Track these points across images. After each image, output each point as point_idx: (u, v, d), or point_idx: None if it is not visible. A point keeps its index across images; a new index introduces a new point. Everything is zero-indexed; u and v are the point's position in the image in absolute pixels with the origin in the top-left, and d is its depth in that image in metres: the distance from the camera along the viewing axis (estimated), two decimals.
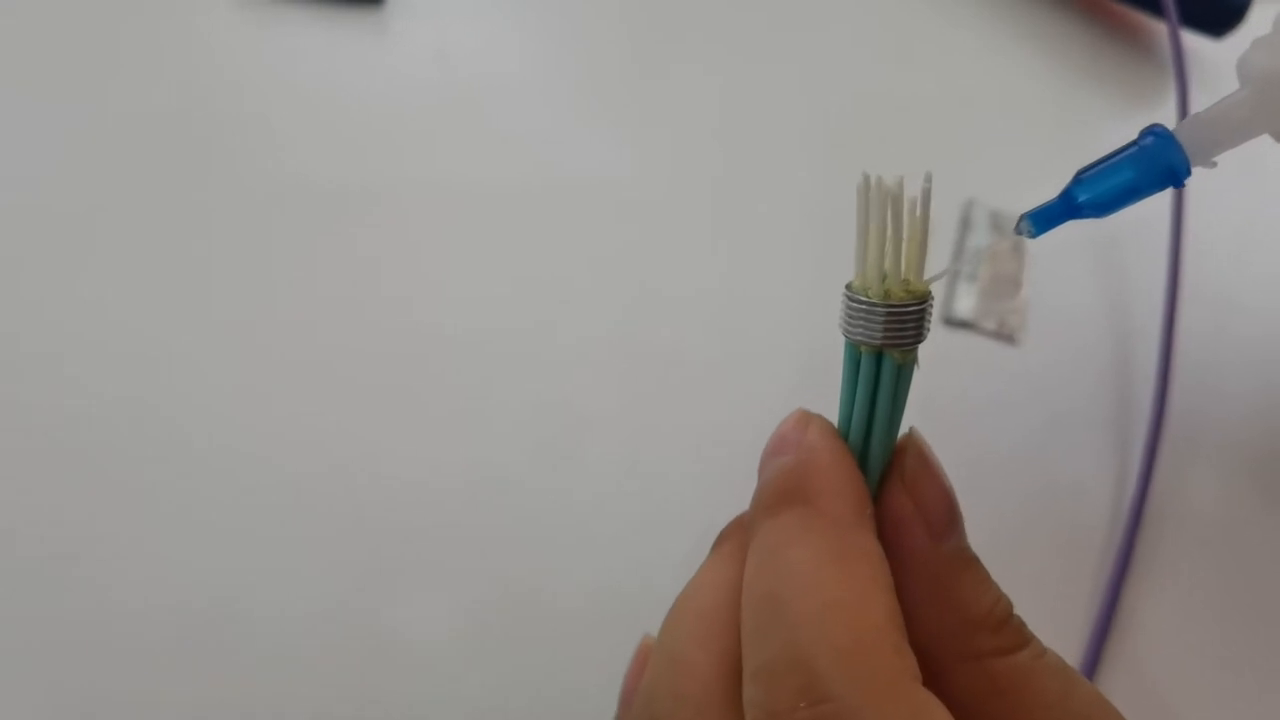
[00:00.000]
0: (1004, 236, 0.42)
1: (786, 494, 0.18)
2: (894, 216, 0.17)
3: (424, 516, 0.32)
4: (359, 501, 0.32)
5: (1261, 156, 0.18)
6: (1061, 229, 0.17)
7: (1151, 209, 0.18)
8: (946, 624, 0.18)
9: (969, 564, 0.18)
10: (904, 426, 0.19)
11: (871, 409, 0.18)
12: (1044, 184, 0.19)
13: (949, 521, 0.18)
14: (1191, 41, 0.47)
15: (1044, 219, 0.17)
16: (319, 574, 0.31)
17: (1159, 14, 0.47)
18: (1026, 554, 0.36)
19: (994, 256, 0.41)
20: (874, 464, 0.19)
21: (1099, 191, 0.17)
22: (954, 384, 0.38)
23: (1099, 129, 0.47)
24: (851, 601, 0.16)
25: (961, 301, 0.40)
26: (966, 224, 0.42)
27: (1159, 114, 0.48)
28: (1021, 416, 0.39)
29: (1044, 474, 0.38)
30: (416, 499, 0.32)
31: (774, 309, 0.39)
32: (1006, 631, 0.18)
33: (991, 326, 0.40)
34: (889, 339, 0.18)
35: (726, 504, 0.21)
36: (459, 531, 0.32)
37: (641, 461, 0.34)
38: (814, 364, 0.36)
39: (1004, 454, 0.38)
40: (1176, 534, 0.37)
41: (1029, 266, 0.42)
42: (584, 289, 0.37)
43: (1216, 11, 0.47)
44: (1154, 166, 0.16)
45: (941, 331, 0.40)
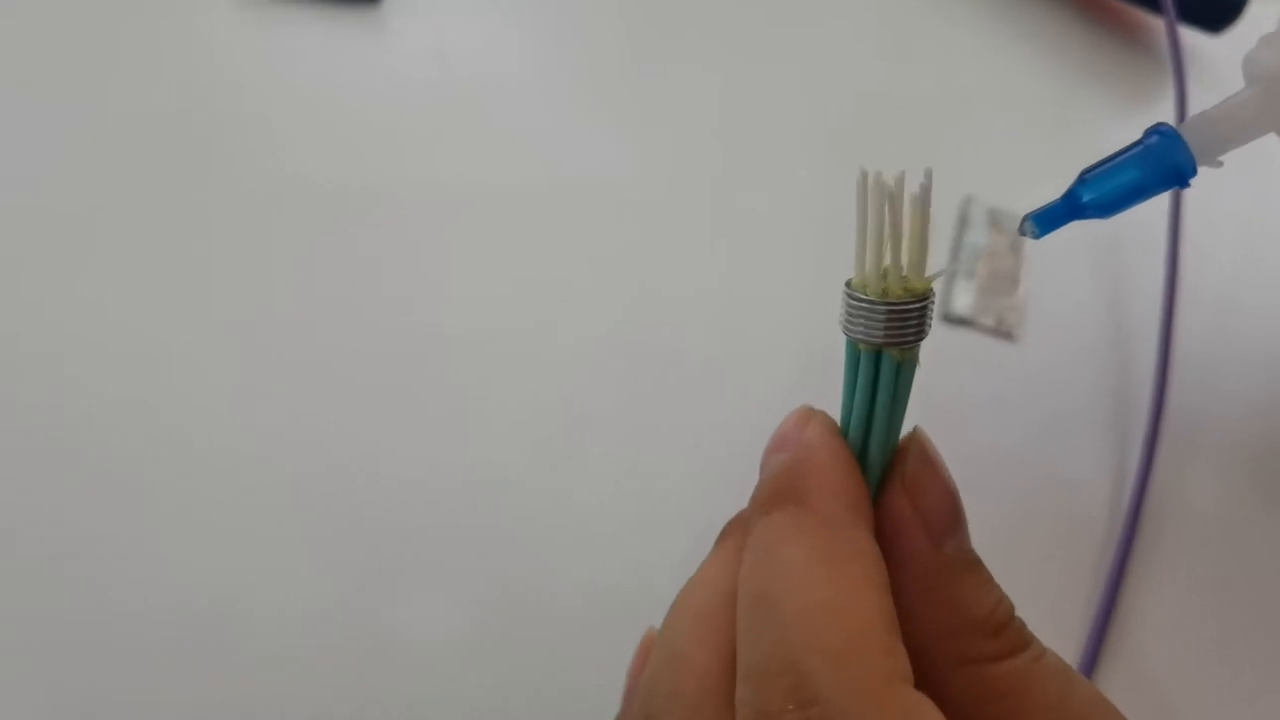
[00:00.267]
0: (1002, 234, 0.42)
1: (781, 492, 0.18)
2: (893, 213, 0.17)
3: (423, 516, 0.32)
4: (359, 501, 0.32)
5: (1261, 154, 0.18)
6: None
7: (1150, 206, 0.17)
8: (943, 627, 0.18)
9: (969, 567, 0.18)
10: (906, 425, 0.19)
11: (871, 407, 0.18)
12: (1042, 181, 0.19)
13: (950, 524, 0.18)
14: (1189, 38, 0.47)
15: (1047, 219, 0.17)
16: (319, 574, 0.31)
17: (1157, 10, 0.47)
18: (1025, 551, 0.36)
19: (992, 254, 0.41)
20: (874, 463, 0.19)
21: (1103, 191, 0.17)
22: (952, 381, 0.38)
23: (1097, 126, 0.47)
24: (841, 602, 0.16)
25: (960, 298, 0.40)
26: (964, 221, 0.42)
27: (1157, 111, 0.48)
28: (1020, 413, 0.39)
29: (1042, 471, 0.38)
30: (416, 499, 0.32)
31: (774, 307, 0.38)
32: (1005, 635, 0.18)
33: (990, 323, 0.40)
34: (890, 337, 0.17)
35: (727, 502, 0.21)
36: (458, 531, 0.32)
37: (641, 460, 0.34)
38: (815, 362, 0.36)
39: (1002, 451, 0.38)
40: (1175, 531, 0.37)
41: (1027, 263, 0.42)
42: (583, 288, 0.37)
43: (1214, 7, 0.47)
44: (1159, 166, 0.16)
45: (939, 328, 0.40)
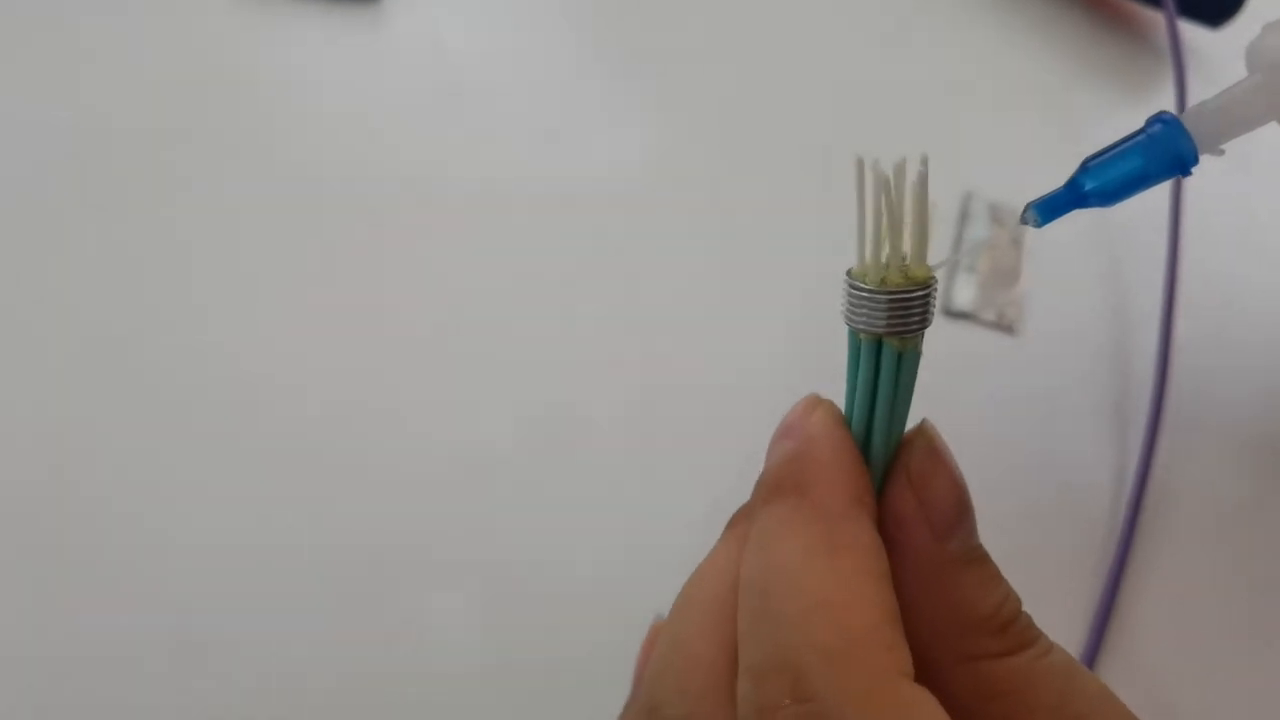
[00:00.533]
0: (1003, 228, 0.42)
1: (783, 482, 0.18)
2: (892, 201, 0.16)
3: (425, 510, 0.32)
4: (358, 501, 0.32)
5: (1260, 140, 0.18)
6: (1061, 218, 0.17)
7: (1150, 196, 0.17)
8: (947, 623, 0.17)
9: (975, 563, 0.18)
10: (912, 419, 0.19)
11: (874, 398, 0.18)
12: (1043, 175, 0.19)
13: (955, 519, 0.18)
14: (1189, 32, 0.47)
15: (1050, 208, 0.17)
16: (325, 564, 0.31)
17: (1157, 4, 0.47)
18: (1026, 543, 0.35)
19: (993, 248, 0.41)
20: (878, 455, 0.18)
21: (1106, 179, 0.17)
22: (953, 375, 0.38)
23: (1097, 119, 0.47)
24: (840, 597, 0.16)
25: (961, 292, 0.40)
26: (966, 216, 0.42)
27: (1157, 104, 0.47)
28: (1021, 407, 0.39)
29: (1043, 464, 0.38)
30: (416, 496, 0.32)
31: (775, 297, 0.38)
32: (1010, 632, 0.17)
33: (991, 317, 0.40)
34: (892, 326, 0.17)
35: (732, 483, 0.21)
36: (466, 520, 0.32)
37: (645, 446, 0.34)
38: (817, 350, 0.36)
39: (1003, 445, 0.38)
40: (1176, 523, 0.37)
41: (1028, 258, 0.41)
42: (584, 283, 0.37)
43: (1214, 1, 0.47)
44: (1162, 154, 0.16)
45: (941, 322, 0.40)
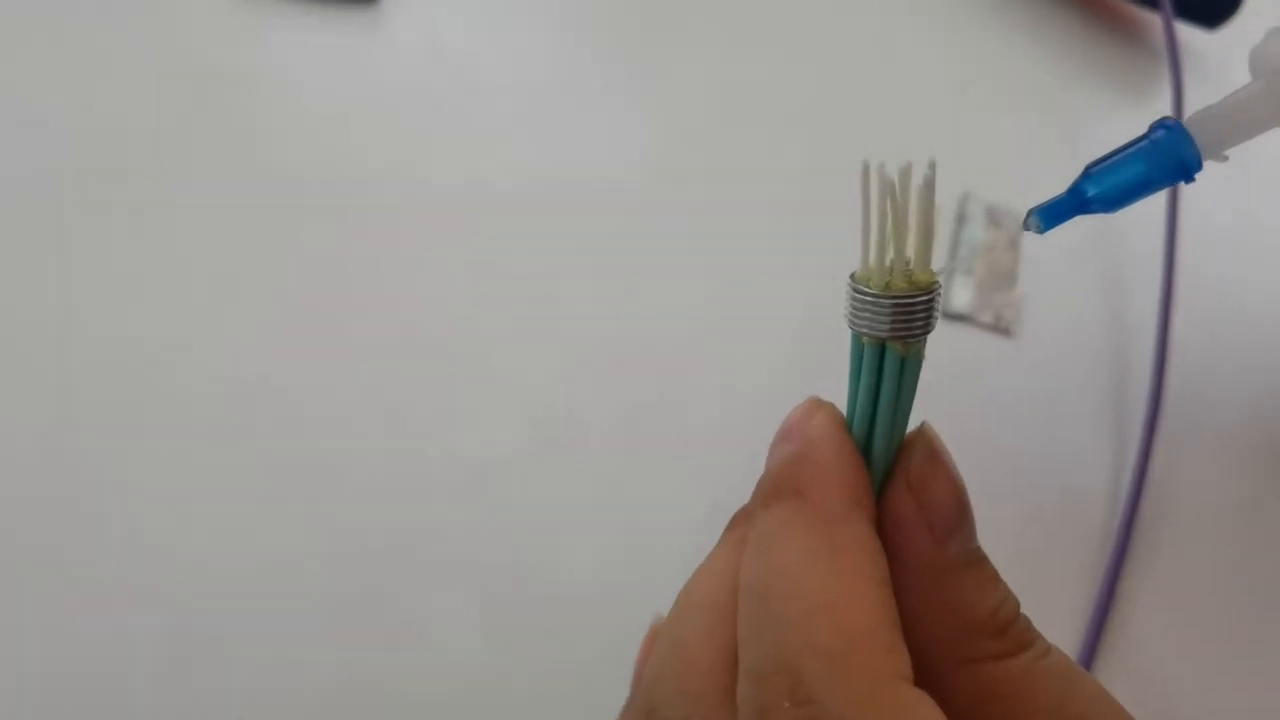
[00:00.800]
0: (1000, 230, 0.42)
1: (783, 485, 0.18)
2: (897, 205, 0.16)
3: (425, 511, 0.32)
4: (357, 502, 0.32)
5: (1256, 144, 0.18)
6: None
7: (1147, 201, 0.17)
8: (946, 626, 0.17)
9: (974, 566, 0.18)
10: (912, 422, 0.19)
11: (876, 401, 0.18)
12: (1040, 177, 0.19)
13: (955, 523, 0.18)
14: (1186, 33, 0.47)
15: (1053, 214, 0.17)
16: (318, 573, 0.31)
17: (1153, 5, 0.47)
18: (1023, 545, 0.36)
19: (990, 250, 0.41)
20: (878, 458, 0.18)
21: (1108, 186, 0.16)
22: (949, 378, 0.38)
23: (1094, 121, 0.47)
24: (839, 600, 0.16)
25: (958, 295, 0.40)
26: (962, 218, 0.42)
27: (1154, 106, 0.48)
28: (1018, 409, 0.39)
29: (1040, 466, 0.38)
30: (415, 498, 0.32)
31: (774, 299, 0.38)
32: (1009, 635, 0.17)
33: (988, 320, 0.40)
34: (896, 330, 0.17)
35: (733, 483, 0.21)
36: (462, 525, 0.32)
37: (643, 445, 0.34)
38: (817, 353, 0.36)
39: (1000, 447, 0.38)
40: (1173, 524, 0.37)
41: (1025, 260, 0.41)
42: (581, 283, 0.37)
43: (1211, 3, 0.47)
44: (1165, 160, 0.16)
45: (937, 324, 0.40)
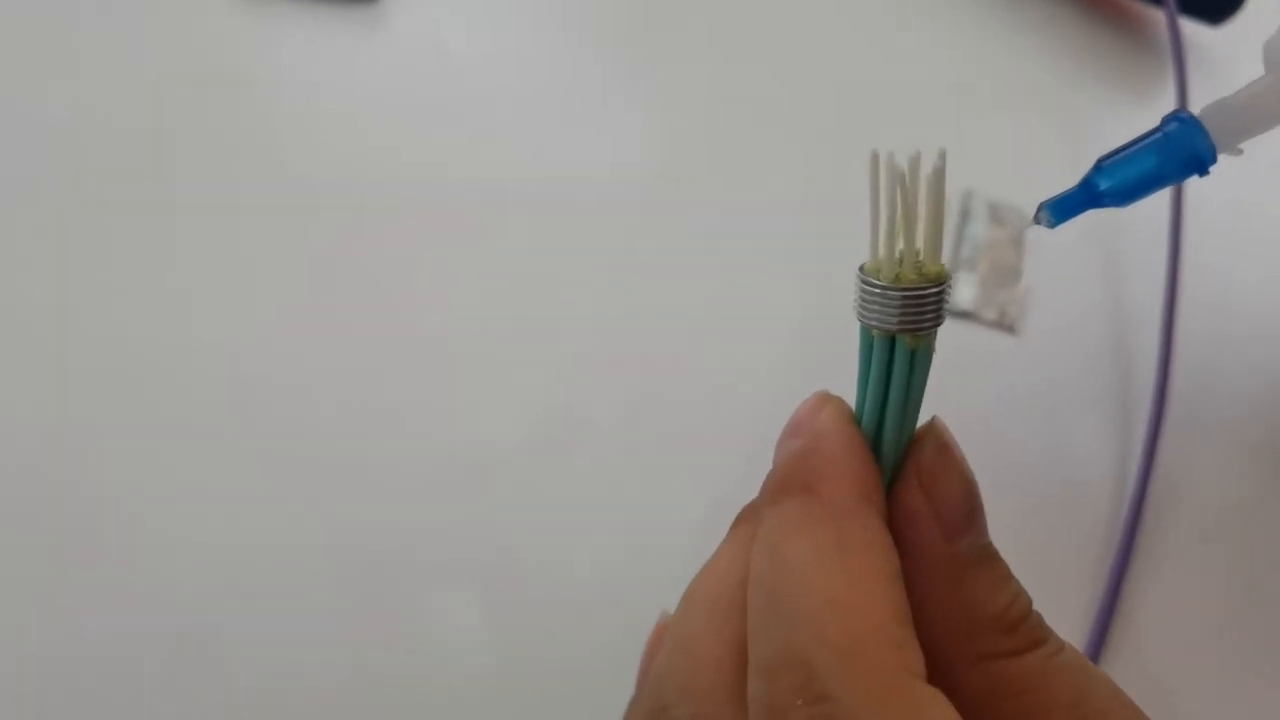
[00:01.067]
0: (1004, 227, 0.41)
1: (791, 480, 0.18)
2: (907, 195, 0.16)
3: (426, 510, 0.32)
4: (358, 501, 0.32)
5: (1262, 137, 0.17)
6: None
7: (1152, 196, 0.17)
8: (958, 623, 0.17)
9: (986, 561, 0.18)
10: (922, 417, 0.19)
11: (885, 395, 0.18)
12: (1044, 173, 0.18)
13: (966, 518, 0.18)
14: (1190, 29, 0.47)
15: (1064, 208, 0.17)
16: (319, 572, 0.31)
17: (1157, 2, 0.47)
18: (1029, 541, 0.35)
19: (993, 246, 0.41)
20: (888, 452, 0.18)
21: (1121, 179, 0.16)
22: (953, 375, 0.38)
23: (1098, 118, 0.46)
24: (850, 597, 0.16)
25: (961, 291, 0.40)
26: (966, 214, 0.42)
27: (1158, 102, 0.47)
28: (1023, 406, 0.39)
29: (1045, 463, 0.37)
30: (417, 497, 0.32)
31: (780, 296, 0.38)
32: (1021, 631, 0.17)
33: (992, 317, 0.40)
34: (905, 323, 0.17)
35: (738, 476, 0.21)
36: (463, 524, 0.32)
37: (648, 441, 0.34)
38: (822, 347, 0.36)
39: (1005, 445, 0.37)
40: (1179, 519, 0.37)
41: (1028, 256, 0.41)
42: (583, 282, 0.37)
43: None
44: (1179, 154, 0.16)
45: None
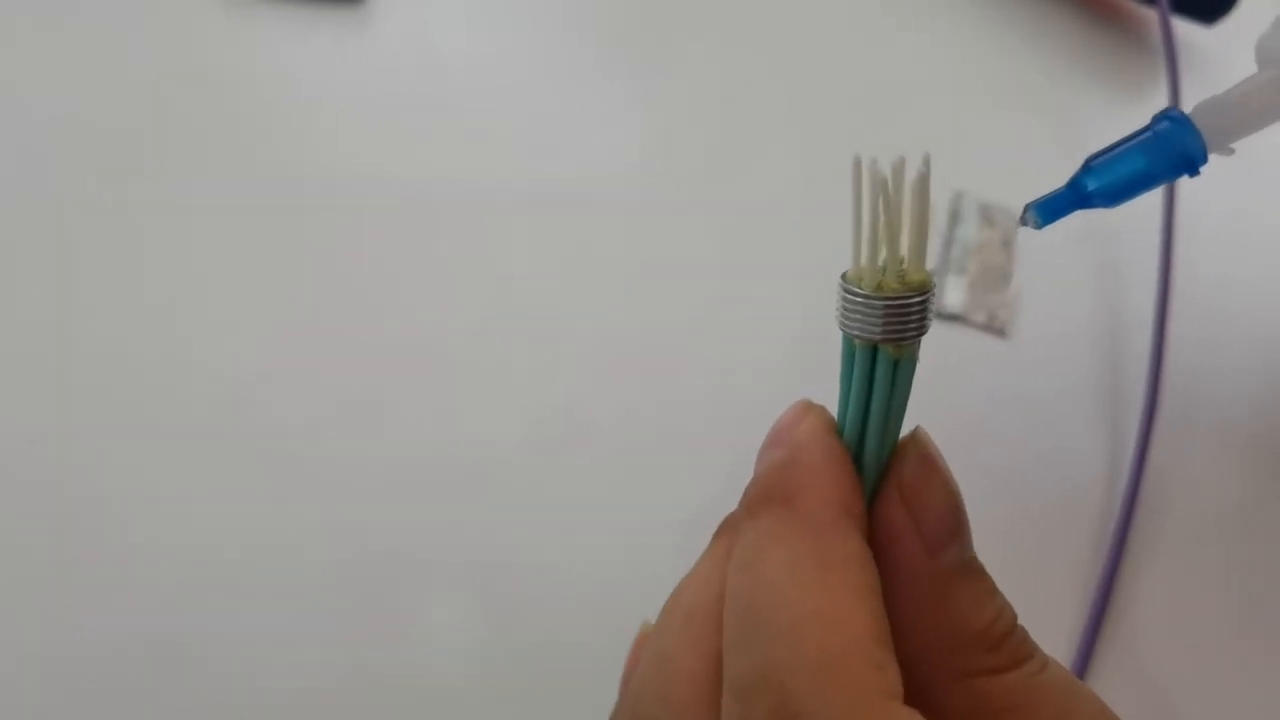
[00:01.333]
0: (994, 229, 0.41)
1: (770, 492, 0.17)
2: (890, 202, 0.16)
3: (423, 512, 0.32)
4: (355, 503, 0.31)
5: (1254, 138, 0.17)
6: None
7: (1143, 197, 0.17)
8: (940, 639, 0.17)
9: (969, 576, 0.17)
10: (906, 426, 0.18)
11: (868, 405, 0.17)
12: (1035, 175, 0.18)
13: (948, 532, 0.17)
14: (1182, 29, 0.46)
15: (1051, 209, 0.16)
16: (315, 573, 0.30)
17: (1149, 2, 0.47)
18: (1019, 546, 0.35)
19: (983, 249, 0.41)
20: (870, 464, 0.18)
21: (1110, 179, 0.16)
22: (942, 378, 0.38)
23: (1090, 117, 0.46)
24: (826, 614, 0.15)
25: (951, 294, 0.40)
26: (956, 216, 0.41)
27: (1151, 103, 0.47)
28: (1013, 410, 0.38)
29: (1035, 468, 0.37)
30: (414, 499, 0.32)
31: (768, 299, 0.38)
32: (1005, 648, 0.17)
33: (981, 320, 0.39)
34: (888, 333, 0.16)
35: (735, 490, 0.20)
36: (460, 525, 0.32)
37: (637, 445, 0.34)
38: (810, 353, 0.35)
39: (994, 449, 0.37)
40: (1171, 523, 0.36)
41: (1019, 259, 0.41)
42: (574, 282, 0.37)
43: None
44: (1169, 153, 0.15)
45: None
